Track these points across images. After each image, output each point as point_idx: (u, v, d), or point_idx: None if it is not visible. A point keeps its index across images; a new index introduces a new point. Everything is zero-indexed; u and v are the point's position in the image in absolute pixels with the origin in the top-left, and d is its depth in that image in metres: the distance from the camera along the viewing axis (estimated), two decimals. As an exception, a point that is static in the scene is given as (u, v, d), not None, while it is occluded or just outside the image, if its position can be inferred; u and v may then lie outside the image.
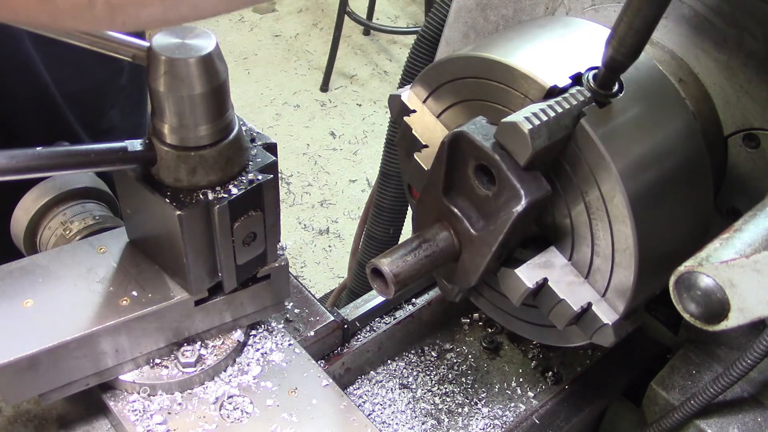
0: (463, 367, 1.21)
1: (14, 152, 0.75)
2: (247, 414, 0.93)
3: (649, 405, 1.11)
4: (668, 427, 1.02)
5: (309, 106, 4.42)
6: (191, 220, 0.84)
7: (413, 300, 1.27)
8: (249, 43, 4.86)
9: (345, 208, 3.76)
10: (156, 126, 0.82)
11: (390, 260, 0.87)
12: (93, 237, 0.99)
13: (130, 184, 0.87)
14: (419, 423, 1.12)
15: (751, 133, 0.94)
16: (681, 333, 1.19)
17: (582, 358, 1.22)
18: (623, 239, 0.83)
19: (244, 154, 0.87)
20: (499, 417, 1.14)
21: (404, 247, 0.89)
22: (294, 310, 1.14)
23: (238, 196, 0.85)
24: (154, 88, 0.79)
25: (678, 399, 1.07)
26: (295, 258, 3.43)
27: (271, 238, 0.93)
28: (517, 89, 0.85)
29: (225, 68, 0.80)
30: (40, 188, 1.07)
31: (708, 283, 0.67)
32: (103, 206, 1.11)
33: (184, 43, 0.77)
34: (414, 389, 1.17)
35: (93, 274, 0.92)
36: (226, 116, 0.83)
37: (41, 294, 0.89)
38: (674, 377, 1.10)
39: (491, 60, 0.87)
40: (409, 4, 5.32)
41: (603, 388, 1.20)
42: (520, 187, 0.79)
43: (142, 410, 0.91)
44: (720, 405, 1.03)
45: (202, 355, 0.95)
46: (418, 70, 1.32)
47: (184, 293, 0.91)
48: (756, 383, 1.05)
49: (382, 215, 1.54)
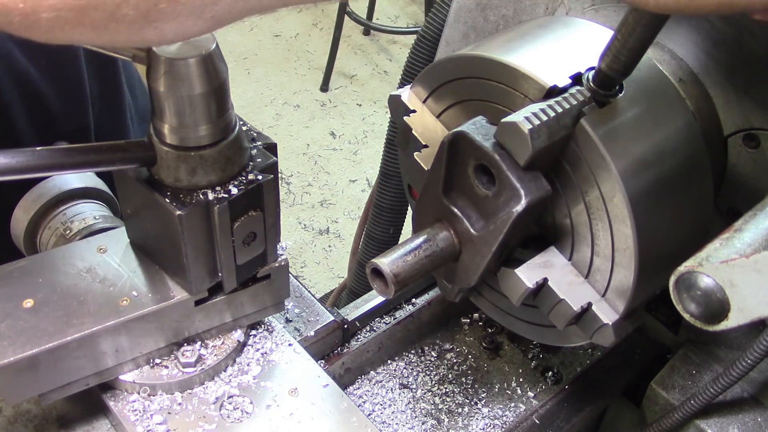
0: (463, 367, 1.21)
1: (14, 152, 0.75)
2: (247, 414, 0.93)
3: (649, 405, 1.11)
4: (668, 427, 1.02)
5: (309, 106, 4.42)
6: (191, 220, 0.84)
7: (413, 300, 1.27)
8: (249, 43, 4.86)
9: (345, 208, 3.76)
10: (156, 126, 0.82)
11: (390, 260, 0.87)
12: (93, 237, 0.99)
13: (130, 184, 0.87)
14: (419, 423, 1.12)
15: (751, 133, 0.94)
16: (681, 333, 1.19)
17: (582, 358, 1.23)
18: (623, 239, 0.83)
19: (244, 154, 0.87)
20: (499, 417, 1.14)
21: (404, 247, 0.89)
22: (294, 310, 1.14)
23: (238, 196, 0.85)
24: (154, 88, 0.79)
25: (678, 399, 1.07)
26: (295, 258, 3.43)
27: (271, 238, 0.93)
28: (518, 89, 0.85)
29: (225, 68, 0.80)
30: (40, 188, 1.07)
31: (708, 283, 0.67)
32: (103, 206, 1.11)
33: (184, 43, 0.77)
34: (414, 389, 1.17)
35: (93, 274, 0.92)
36: (226, 116, 0.83)
37: (41, 294, 0.89)
38: (674, 377, 1.10)
39: (491, 60, 0.87)
40: (409, 4, 5.32)
41: (603, 388, 1.20)
42: (519, 186, 0.79)
43: (142, 410, 0.91)
44: (720, 405, 1.03)
45: (202, 355, 0.95)
46: (418, 70, 1.32)
47: (184, 293, 0.91)
48: (756, 383, 1.05)
49: (382, 215, 1.54)
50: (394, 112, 1.01)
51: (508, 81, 0.86)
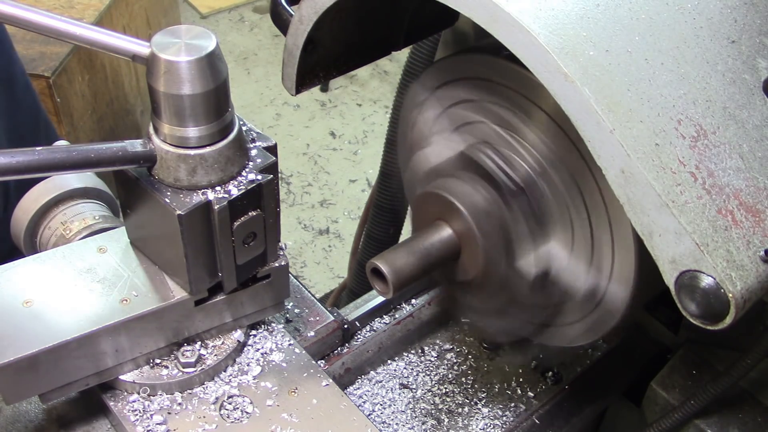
0: (463, 367, 1.21)
1: (14, 152, 0.75)
2: (247, 414, 0.93)
3: (649, 405, 1.11)
4: (668, 427, 1.02)
5: (309, 106, 4.42)
6: (191, 220, 0.84)
7: (413, 300, 1.27)
8: (249, 43, 4.86)
9: (345, 208, 3.76)
10: (156, 126, 0.82)
11: (390, 260, 0.87)
12: (93, 237, 0.99)
13: (130, 184, 0.87)
14: (419, 423, 1.12)
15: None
16: (681, 333, 1.19)
17: (582, 358, 1.22)
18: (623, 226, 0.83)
19: (244, 154, 0.87)
20: (499, 417, 1.14)
21: (404, 247, 0.90)
22: (294, 310, 1.14)
23: (238, 196, 0.85)
24: (154, 88, 0.79)
25: (678, 399, 1.07)
26: (295, 258, 3.43)
27: (271, 238, 0.93)
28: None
29: (225, 68, 0.80)
30: (40, 188, 1.07)
31: (708, 283, 0.67)
32: (103, 206, 1.11)
33: (184, 43, 0.78)
34: (414, 389, 1.17)
35: (93, 274, 0.92)
36: (226, 116, 0.83)
37: (41, 294, 0.89)
38: (674, 377, 1.10)
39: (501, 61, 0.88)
40: (409, 4, 5.32)
41: (603, 388, 1.20)
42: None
43: (142, 410, 0.91)
44: (720, 405, 1.03)
45: (202, 355, 0.95)
46: (419, 70, 1.32)
47: (184, 293, 0.91)
48: (756, 383, 1.05)
49: (382, 215, 1.54)
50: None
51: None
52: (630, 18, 0.75)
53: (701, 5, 0.79)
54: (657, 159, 0.68)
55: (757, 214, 0.70)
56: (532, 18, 0.70)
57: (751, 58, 0.78)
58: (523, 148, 0.89)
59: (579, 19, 0.72)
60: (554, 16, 0.71)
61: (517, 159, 0.90)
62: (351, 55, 0.98)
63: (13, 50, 1.50)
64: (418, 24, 1.02)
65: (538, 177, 0.89)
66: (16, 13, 0.80)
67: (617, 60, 0.72)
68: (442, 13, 1.00)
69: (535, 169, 0.89)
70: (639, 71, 0.72)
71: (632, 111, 0.69)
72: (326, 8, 0.84)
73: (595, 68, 0.70)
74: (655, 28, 0.75)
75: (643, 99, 0.71)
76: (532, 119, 0.88)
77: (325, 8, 0.84)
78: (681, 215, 0.67)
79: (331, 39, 0.91)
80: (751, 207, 0.70)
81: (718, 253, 0.67)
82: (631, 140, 0.68)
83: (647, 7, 0.76)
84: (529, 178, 0.89)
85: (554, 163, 0.87)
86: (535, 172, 0.89)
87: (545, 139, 0.87)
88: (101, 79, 2.42)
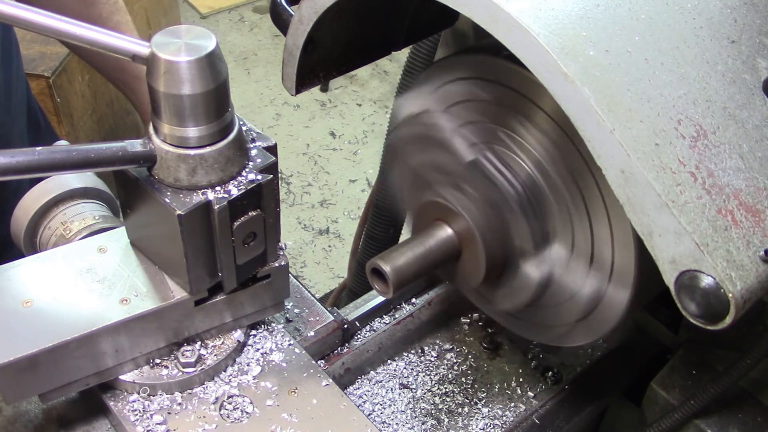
0: (463, 367, 1.21)
1: (14, 152, 0.75)
2: (247, 414, 0.93)
3: (649, 405, 1.11)
4: (668, 427, 1.02)
5: (309, 106, 4.42)
6: (191, 220, 0.84)
7: (413, 300, 1.27)
8: (249, 43, 4.86)
9: (345, 208, 3.76)
10: (156, 126, 0.82)
11: (390, 260, 0.87)
12: (93, 237, 0.99)
13: (130, 184, 0.87)
14: (419, 423, 1.12)
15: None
16: (681, 333, 1.19)
17: (582, 358, 1.22)
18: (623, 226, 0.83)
19: (244, 154, 0.87)
20: (499, 417, 1.14)
21: (404, 247, 0.90)
22: (294, 310, 1.14)
23: (238, 196, 0.85)
24: (154, 88, 0.79)
25: (678, 399, 1.07)
26: (295, 258, 3.43)
27: (271, 238, 0.93)
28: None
29: (225, 68, 0.80)
30: (40, 188, 1.07)
31: (708, 283, 0.67)
32: (103, 206, 1.11)
33: (184, 43, 0.77)
34: (414, 389, 1.17)
35: (93, 274, 0.92)
36: (226, 116, 0.83)
37: (41, 294, 0.89)
38: (674, 377, 1.10)
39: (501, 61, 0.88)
40: (409, 4, 5.32)
41: (603, 388, 1.20)
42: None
43: (142, 410, 0.91)
44: (720, 405, 1.03)
45: (202, 355, 0.95)
46: (419, 70, 1.32)
47: (184, 293, 0.91)
48: (756, 383, 1.05)
49: (382, 215, 1.54)
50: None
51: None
52: (630, 18, 0.75)
53: (701, 5, 0.79)
54: (657, 159, 0.68)
55: (757, 214, 0.70)
56: (532, 18, 0.70)
57: (751, 58, 0.78)
58: (522, 148, 0.89)
59: (579, 19, 0.72)
60: (554, 16, 0.71)
61: (516, 159, 0.90)
62: (351, 55, 0.98)
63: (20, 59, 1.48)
64: (418, 24, 1.02)
65: (538, 177, 0.89)
66: (16, 13, 0.79)
67: (617, 60, 0.72)
68: (442, 13, 1.00)
69: (535, 170, 0.89)
70: (639, 71, 0.72)
71: (632, 111, 0.69)
72: (326, 8, 0.84)
73: (595, 68, 0.70)
74: (655, 28, 0.75)
75: (643, 99, 0.71)
76: (532, 119, 0.88)
77: (325, 8, 0.84)
78: (681, 215, 0.67)
79: (331, 39, 0.92)
80: (751, 207, 0.70)
81: (718, 253, 0.67)
82: (631, 140, 0.68)
83: (647, 7, 0.76)
84: (528, 178, 0.89)
85: (554, 163, 0.87)
86: (534, 172, 0.89)
87: (545, 139, 0.87)
88: (101, 79, 2.41)
